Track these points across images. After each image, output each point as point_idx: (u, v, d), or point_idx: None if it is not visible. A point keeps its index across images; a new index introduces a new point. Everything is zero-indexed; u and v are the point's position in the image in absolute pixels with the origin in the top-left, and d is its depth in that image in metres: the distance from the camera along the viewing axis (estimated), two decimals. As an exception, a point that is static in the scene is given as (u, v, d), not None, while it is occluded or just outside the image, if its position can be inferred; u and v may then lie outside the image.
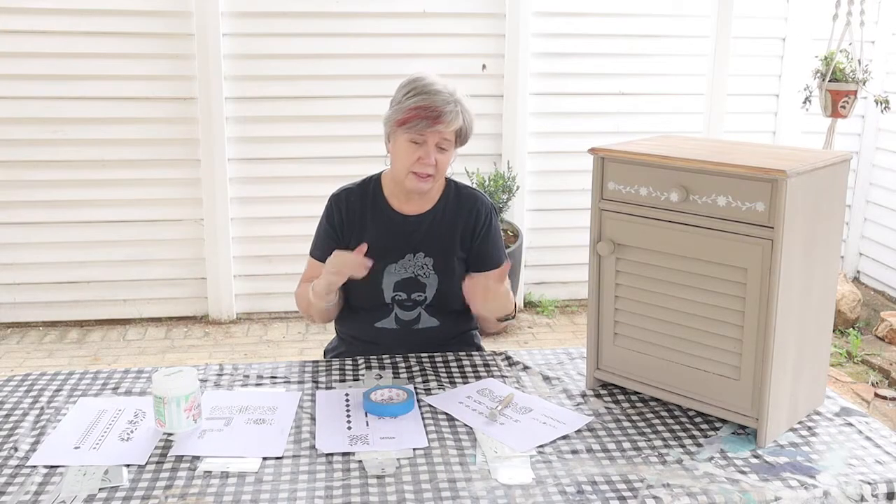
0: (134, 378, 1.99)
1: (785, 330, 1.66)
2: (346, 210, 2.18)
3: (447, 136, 2.07)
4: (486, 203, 2.23)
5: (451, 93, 2.07)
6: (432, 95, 2.04)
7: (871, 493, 1.54)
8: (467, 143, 2.15)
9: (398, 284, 2.15)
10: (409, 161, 2.07)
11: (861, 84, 4.24)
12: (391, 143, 2.12)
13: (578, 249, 4.68)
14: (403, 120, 2.04)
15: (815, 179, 1.65)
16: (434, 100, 2.03)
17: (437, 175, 2.10)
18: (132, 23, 4.31)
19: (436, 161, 2.07)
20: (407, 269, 2.15)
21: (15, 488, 1.52)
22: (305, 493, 1.50)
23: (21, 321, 4.57)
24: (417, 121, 2.03)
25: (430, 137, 2.05)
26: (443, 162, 2.09)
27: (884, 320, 4.50)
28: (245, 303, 4.73)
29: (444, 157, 2.09)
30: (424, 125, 2.03)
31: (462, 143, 2.14)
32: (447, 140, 2.08)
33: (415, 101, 2.04)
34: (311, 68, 4.47)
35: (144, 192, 4.51)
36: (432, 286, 2.15)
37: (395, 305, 2.17)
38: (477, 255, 2.20)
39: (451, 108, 2.04)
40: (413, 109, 2.03)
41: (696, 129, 4.81)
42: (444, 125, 2.03)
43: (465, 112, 2.09)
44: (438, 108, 2.02)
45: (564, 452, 1.65)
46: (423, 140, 2.05)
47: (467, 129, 2.11)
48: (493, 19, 4.60)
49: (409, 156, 2.07)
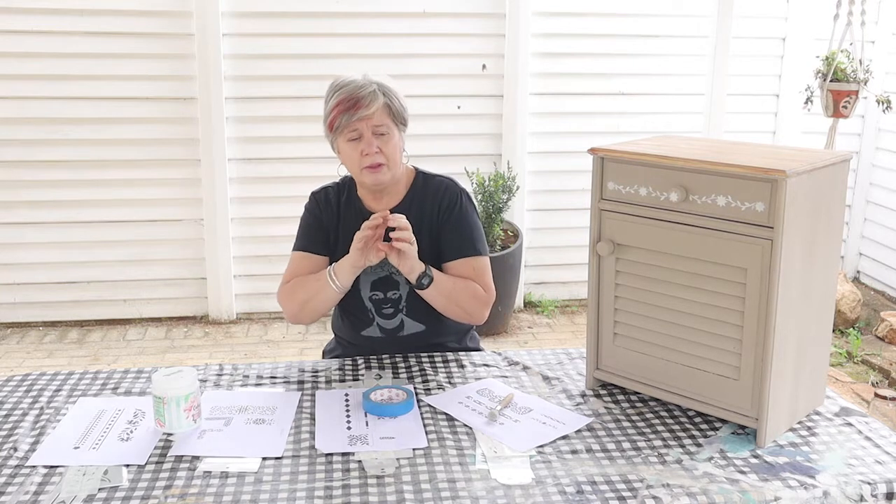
0: (134, 378, 1.99)
1: (785, 330, 1.66)
2: (325, 206, 2.18)
3: (377, 119, 2.03)
4: (451, 188, 2.17)
5: (367, 77, 2.06)
6: (346, 86, 2.04)
7: (871, 493, 1.54)
8: (408, 121, 2.11)
9: (374, 284, 2.14)
10: (356, 159, 2.06)
11: (862, 84, 4.24)
12: (337, 152, 2.11)
13: (578, 249, 4.68)
14: (331, 122, 2.05)
15: (815, 179, 1.65)
16: (348, 89, 2.03)
17: (389, 162, 2.06)
18: (132, 23, 4.31)
19: (379, 148, 2.04)
20: (382, 267, 2.12)
21: (14, 488, 1.52)
22: (305, 493, 1.50)
23: (21, 321, 4.58)
24: (341, 116, 2.02)
25: (361, 128, 2.03)
26: (389, 147, 2.06)
27: (884, 320, 4.50)
28: (245, 303, 4.73)
29: (389, 142, 2.06)
30: (348, 117, 2.02)
31: (402, 122, 2.09)
32: (380, 125, 2.04)
33: (334, 100, 2.05)
34: (311, 68, 4.47)
35: (144, 192, 4.51)
36: (405, 283, 2.11)
37: (374, 313, 2.16)
38: (443, 243, 2.13)
39: (367, 89, 2.02)
40: (334, 108, 2.04)
41: (696, 129, 4.81)
42: (364, 108, 2.01)
43: (387, 89, 2.06)
44: (354, 94, 2.02)
45: (564, 452, 1.65)
46: (358, 133, 2.04)
47: (398, 107, 2.07)
48: (493, 19, 4.60)
49: (353, 155, 2.06)
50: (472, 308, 2.12)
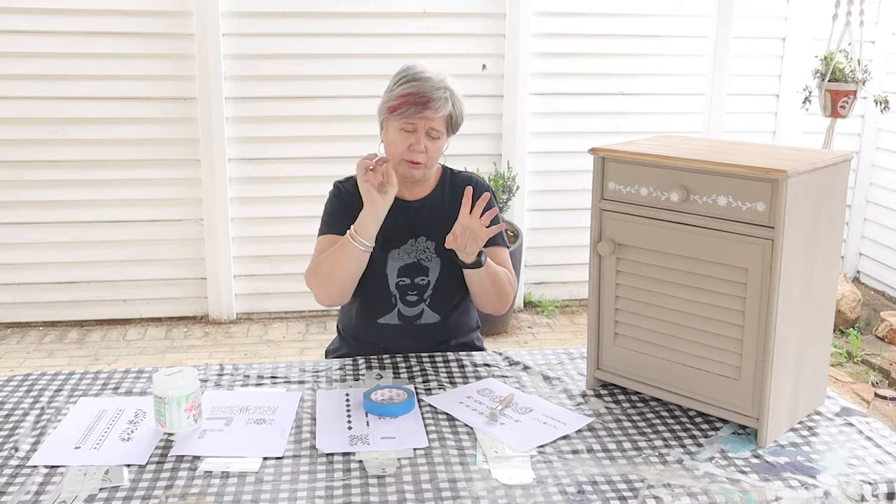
0: (134, 378, 1.99)
1: (785, 330, 1.66)
2: (353, 193, 2.19)
3: (436, 123, 2.08)
4: (481, 182, 2.24)
5: (442, 80, 2.09)
6: (422, 82, 2.06)
7: (872, 493, 1.54)
8: (459, 130, 2.16)
9: (402, 270, 2.16)
10: (401, 148, 2.09)
11: (860, 84, 4.24)
12: (384, 131, 2.15)
13: (578, 249, 4.68)
14: (394, 107, 2.07)
15: (815, 179, 1.65)
16: (423, 86, 2.05)
17: (427, 163, 2.11)
18: (132, 23, 4.31)
19: (426, 148, 2.08)
20: (410, 253, 2.16)
21: (15, 488, 1.52)
22: (306, 493, 1.50)
23: (21, 321, 4.57)
24: (407, 107, 2.05)
25: (419, 124, 2.07)
26: (433, 150, 2.10)
27: (884, 320, 4.50)
28: (245, 303, 4.73)
29: (435, 145, 2.10)
30: (413, 111, 2.05)
31: (454, 131, 2.16)
32: (436, 129, 2.09)
33: (405, 88, 2.07)
34: (311, 68, 4.47)
35: (144, 192, 4.51)
36: (435, 269, 2.16)
37: (398, 299, 2.17)
38: None
39: (440, 94, 2.06)
40: (403, 96, 2.06)
41: (696, 129, 4.81)
42: (432, 111, 2.05)
43: (456, 99, 2.10)
44: (427, 94, 2.05)
45: (565, 452, 1.65)
46: (414, 127, 2.07)
47: (458, 117, 2.12)
48: (493, 19, 4.60)
49: (400, 143, 2.09)
50: (504, 294, 2.17)
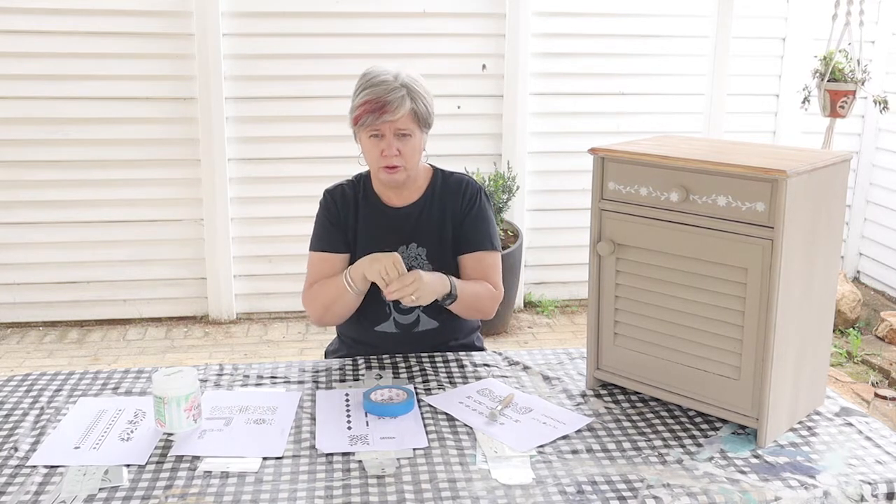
0: (134, 378, 1.99)
1: (785, 330, 1.66)
2: (341, 204, 2.19)
3: (401, 123, 2.04)
4: (472, 185, 2.20)
5: (397, 78, 2.03)
6: (376, 87, 2.03)
7: (872, 494, 1.54)
8: (432, 122, 2.11)
9: None
10: (375, 156, 2.08)
11: (860, 84, 4.24)
12: (358, 142, 2.14)
13: (578, 249, 4.68)
14: (356, 118, 2.06)
15: (815, 179, 1.65)
16: (377, 91, 2.02)
17: (406, 164, 2.08)
18: (132, 23, 4.31)
19: (399, 150, 2.05)
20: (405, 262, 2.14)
21: (15, 488, 1.52)
22: (305, 493, 1.50)
23: (21, 321, 4.57)
24: (366, 115, 2.03)
25: (384, 129, 2.04)
26: (407, 149, 2.06)
27: (884, 320, 4.50)
28: (245, 303, 4.73)
29: (408, 144, 2.06)
30: (373, 118, 2.02)
31: (427, 126, 2.11)
32: (402, 129, 2.04)
33: (362, 97, 2.04)
34: (311, 68, 4.47)
35: (144, 192, 4.51)
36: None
37: (392, 308, 2.17)
38: (461, 236, 2.17)
39: (395, 94, 2.01)
40: (361, 105, 2.04)
41: (696, 129, 4.81)
42: (390, 114, 2.01)
43: (416, 94, 2.04)
44: (381, 98, 2.01)
45: (564, 452, 1.65)
46: (381, 133, 2.05)
47: (424, 111, 2.06)
48: (493, 19, 4.60)
49: (373, 151, 2.08)
50: (486, 308, 2.17)
